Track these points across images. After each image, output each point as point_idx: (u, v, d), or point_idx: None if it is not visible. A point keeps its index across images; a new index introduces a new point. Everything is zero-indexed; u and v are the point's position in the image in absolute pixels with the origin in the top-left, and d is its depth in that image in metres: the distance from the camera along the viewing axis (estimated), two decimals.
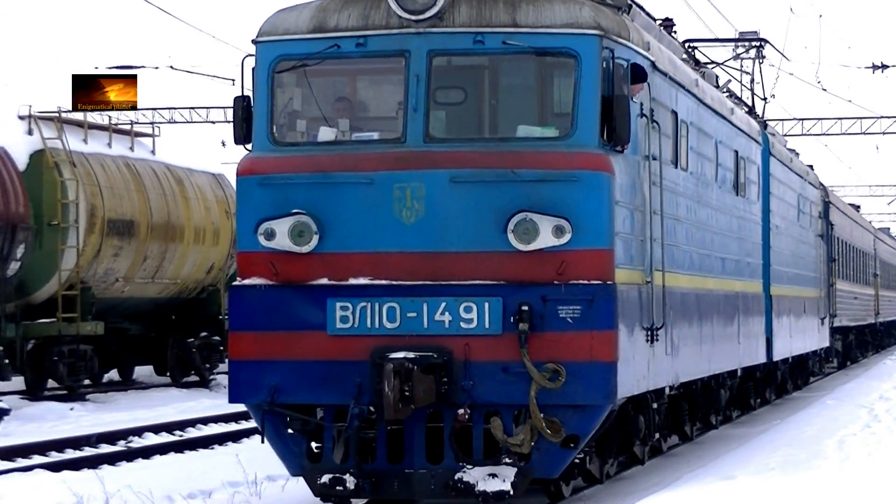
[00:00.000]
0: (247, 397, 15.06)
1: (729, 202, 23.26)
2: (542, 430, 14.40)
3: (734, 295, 23.58)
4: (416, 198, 14.57)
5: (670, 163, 18.06)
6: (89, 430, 26.63)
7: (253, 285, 14.98)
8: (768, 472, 16.01)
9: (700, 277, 20.26)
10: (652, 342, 16.39)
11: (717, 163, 22.02)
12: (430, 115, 14.86)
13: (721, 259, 22.34)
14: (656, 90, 16.98)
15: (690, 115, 19.56)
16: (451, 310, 14.49)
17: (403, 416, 14.35)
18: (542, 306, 14.41)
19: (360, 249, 14.76)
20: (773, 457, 17.94)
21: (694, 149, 19.86)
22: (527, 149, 14.82)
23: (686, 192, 19.21)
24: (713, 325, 21.29)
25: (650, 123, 16.57)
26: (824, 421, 23.80)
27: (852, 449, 18.28)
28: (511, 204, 14.45)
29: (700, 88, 20.58)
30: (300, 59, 15.23)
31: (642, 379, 16.07)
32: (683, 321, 18.73)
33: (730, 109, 23.90)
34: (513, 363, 14.36)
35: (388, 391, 14.04)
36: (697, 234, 20.08)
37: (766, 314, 27.95)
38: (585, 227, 14.49)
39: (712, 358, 21.26)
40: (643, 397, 16.76)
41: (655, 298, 16.58)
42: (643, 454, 18.64)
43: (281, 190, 14.92)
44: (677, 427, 22.29)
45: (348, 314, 14.63)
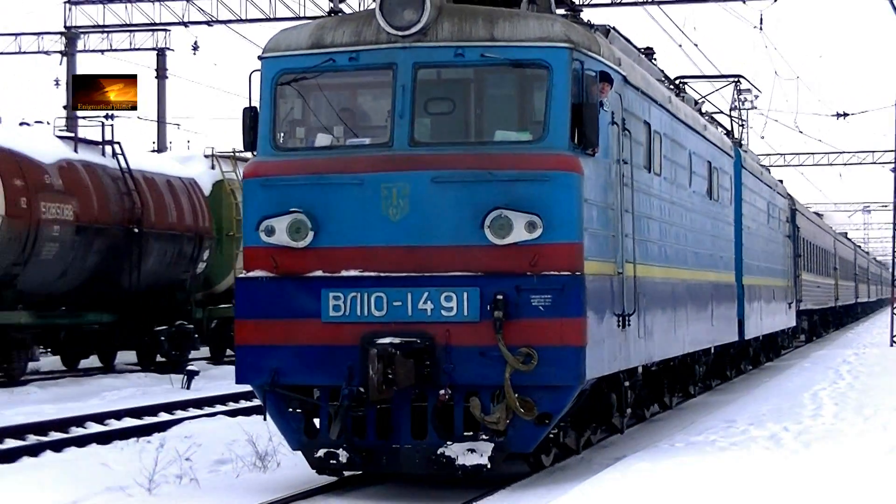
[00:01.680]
0: (251, 379, 13.16)
1: (702, 205, 21.15)
2: (516, 408, 12.40)
3: (708, 284, 21.42)
4: (401, 196, 12.65)
5: (643, 167, 15.98)
6: None
7: (255, 277, 13.10)
8: (766, 411, 18.25)
9: (674, 269, 18.16)
10: (624, 327, 14.35)
11: (692, 170, 19.95)
12: (416, 121, 12.91)
13: (695, 253, 20.21)
14: (628, 102, 14.92)
15: (664, 126, 17.47)
16: (433, 299, 12.58)
17: (387, 397, 12.44)
18: (517, 295, 12.47)
19: (351, 244, 12.83)
20: (765, 405, 19.62)
21: (667, 157, 17.77)
22: (503, 151, 12.86)
23: (659, 195, 17.12)
24: (687, 311, 19.16)
25: (622, 131, 14.52)
26: (802, 379, 25.66)
27: (822, 399, 20.26)
28: (488, 202, 12.51)
29: (673, 105, 18.50)
30: (299, 72, 13.32)
31: (613, 360, 14.03)
32: (657, 308, 16.63)
33: (703, 126, 21.80)
34: (489, 347, 12.41)
35: (372, 374, 12.14)
36: (671, 231, 17.97)
37: (738, 300, 25.84)
38: (556, 223, 12.54)
39: (686, 339, 19.12)
40: (615, 376, 14.67)
41: (627, 288, 14.53)
42: (622, 424, 16.55)
43: (280, 190, 13.02)
44: (659, 398, 20.23)
45: (340, 303, 12.75)
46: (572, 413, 13.80)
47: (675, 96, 19.33)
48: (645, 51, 20.75)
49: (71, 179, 27.69)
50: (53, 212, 26.57)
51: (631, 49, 17.60)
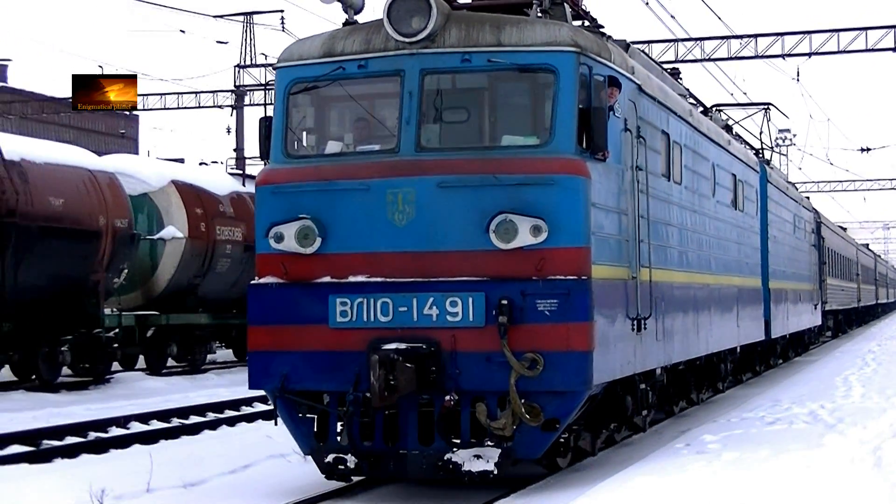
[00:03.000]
0: (262, 384, 11.00)
1: (727, 214, 18.73)
2: (522, 415, 10.19)
3: (733, 288, 18.99)
4: (407, 202, 10.48)
5: (661, 176, 13.67)
6: None
7: (266, 284, 10.98)
8: (803, 393, 18.23)
9: (696, 274, 15.78)
10: (639, 330, 12.06)
11: (715, 181, 17.55)
12: (422, 127, 10.75)
13: (720, 259, 17.78)
14: (643, 110, 12.63)
15: (684, 138, 15.12)
16: (439, 304, 10.36)
17: (389, 403, 10.25)
18: (522, 300, 10.23)
19: (357, 250, 10.67)
20: (804, 388, 19.69)
21: (688, 167, 15.40)
22: (509, 156, 10.63)
23: (680, 203, 14.76)
24: (710, 313, 16.75)
25: (637, 138, 12.27)
26: (833, 367, 25.68)
27: (852, 382, 20.04)
28: (493, 206, 10.30)
29: (694, 118, 16.11)
30: (311, 81, 11.20)
31: (627, 364, 11.71)
32: (677, 310, 14.31)
33: (727, 140, 19.35)
34: (495, 353, 10.19)
35: (373, 380, 9.97)
36: (693, 237, 15.58)
37: (764, 302, 23.34)
38: (562, 227, 10.29)
39: (710, 339, 16.70)
40: (630, 379, 12.39)
41: (642, 292, 12.21)
42: (644, 423, 14.25)
43: (290, 197, 10.90)
44: (686, 394, 17.84)
45: (347, 309, 10.57)
46: (586, 415, 11.58)
47: (697, 111, 16.95)
48: (671, 71, 18.49)
49: (240, 208, 29.52)
50: (226, 234, 28.64)
51: (652, 65, 15.33)
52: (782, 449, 11.25)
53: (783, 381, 23.52)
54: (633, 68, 12.35)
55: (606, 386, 11.50)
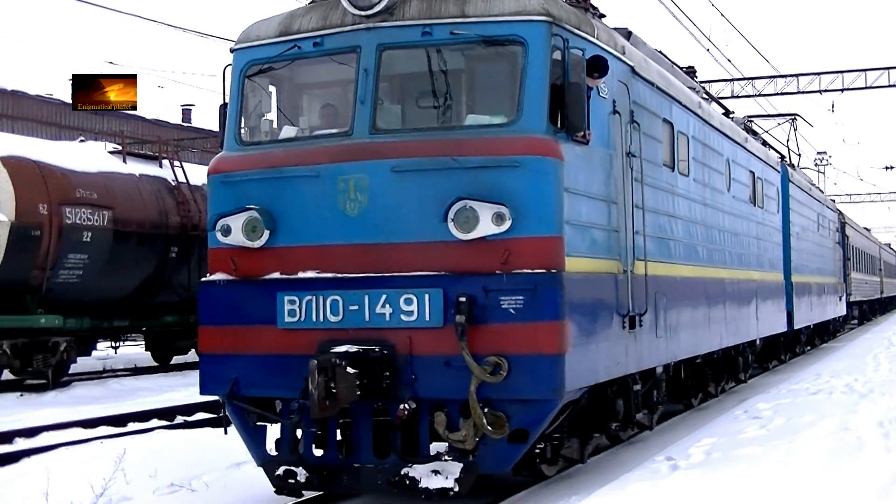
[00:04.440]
0: (212, 389, 8.29)
1: (745, 210, 15.65)
2: (483, 426, 7.42)
3: (752, 282, 15.88)
4: (359, 189, 7.77)
5: (664, 165, 10.73)
6: None
7: (214, 281, 8.32)
8: (840, 368, 17.83)
9: (708, 268, 12.80)
10: (632, 328, 9.20)
11: (731, 177, 14.55)
12: (378, 107, 8.05)
13: (735, 254, 14.73)
14: (638, 94, 9.73)
15: (692, 129, 12.18)
16: (392, 302, 7.62)
17: (331, 414, 7.55)
18: (485, 297, 7.45)
19: (307, 243, 7.98)
20: (840, 364, 19.45)
21: (698, 159, 12.43)
22: (471, 136, 7.83)
23: (687, 195, 11.81)
24: (725, 307, 13.75)
25: (631, 123, 9.44)
26: (864, 346, 25.43)
27: (880, 359, 19.76)
28: (452, 192, 7.53)
29: (704, 111, 13.11)
30: (266, 62, 8.54)
31: (616, 365, 8.80)
32: (684, 306, 11.38)
33: (744, 138, 16.23)
34: (455, 357, 7.42)
35: (312, 388, 7.26)
36: (703, 231, 12.59)
37: (787, 295, 20.09)
38: (529, 215, 7.50)
39: (724, 333, 13.68)
40: (623, 380, 9.54)
41: (637, 287, 9.34)
42: (650, 421, 11.35)
43: (238, 187, 8.26)
44: (704, 387, 14.85)
45: (296, 308, 7.89)
46: (571, 421, 8.80)
47: (708, 105, 13.97)
48: (686, 69, 15.54)
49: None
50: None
51: (658, 55, 12.38)
52: (824, 414, 11.01)
53: (823, 359, 22.60)
54: (625, 48, 9.49)
55: (595, 388, 8.72)
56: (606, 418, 9.29)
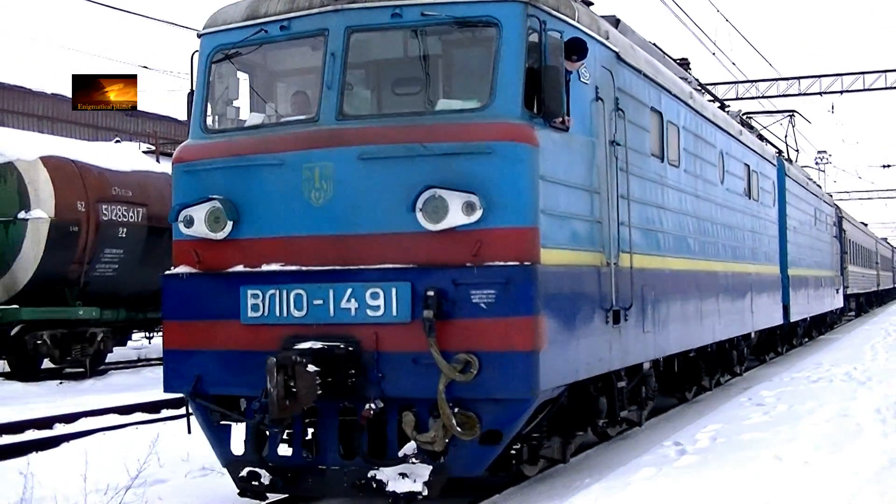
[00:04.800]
0: (175, 387, 7.57)
1: (739, 203, 14.86)
2: (451, 427, 6.68)
3: (746, 275, 15.10)
4: (324, 178, 7.02)
5: (652, 155, 9.99)
6: None
7: (177, 274, 7.60)
8: (840, 358, 17.55)
9: (701, 261, 12.07)
10: (616, 323, 8.46)
11: (724, 169, 13.78)
12: (346, 92, 7.30)
13: (730, 246, 13.97)
14: (623, 81, 8.97)
15: (683, 120, 11.41)
16: (358, 296, 6.87)
17: (291, 415, 6.83)
18: (454, 291, 6.69)
19: (271, 234, 7.24)
20: (840, 353, 19.25)
21: (689, 150, 11.66)
22: (441, 122, 7.05)
23: (678, 186, 11.04)
24: (718, 301, 12.98)
25: (616, 111, 8.69)
26: (862, 337, 25.13)
27: (878, 349, 19.63)
28: (421, 181, 6.77)
29: (696, 102, 12.31)
30: (232, 47, 7.78)
31: (598, 361, 8.04)
32: (674, 299, 10.62)
33: (738, 131, 15.44)
34: (423, 354, 6.68)
35: (270, 388, 6.56)
36: (695, 223, 11.81)
37: (783, 289, 19.25)
38: (502, 204, 6.74)
39: (717, 327, 12.91)
40: (607, 377, 8.80)
41: (622, 280, 8.60)
42: (640, 417, 10.61)
43: (201, 176, 7.54)
44: (698, 381, 14.07)
45: (259, 302, 7.16)
46: (552, 419, 8.07)
47: (700, 96, 13.17)
48: (680, 61, 14.76)
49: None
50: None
51: (649, 44, 11.59)
52: (824, 401, 11.03)
53: (822, 349, 22.19)
54: (609, 33, 8.74)
55: (577, 385, 7.99)
56: (589, 416, 8.55)
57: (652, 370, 10.30)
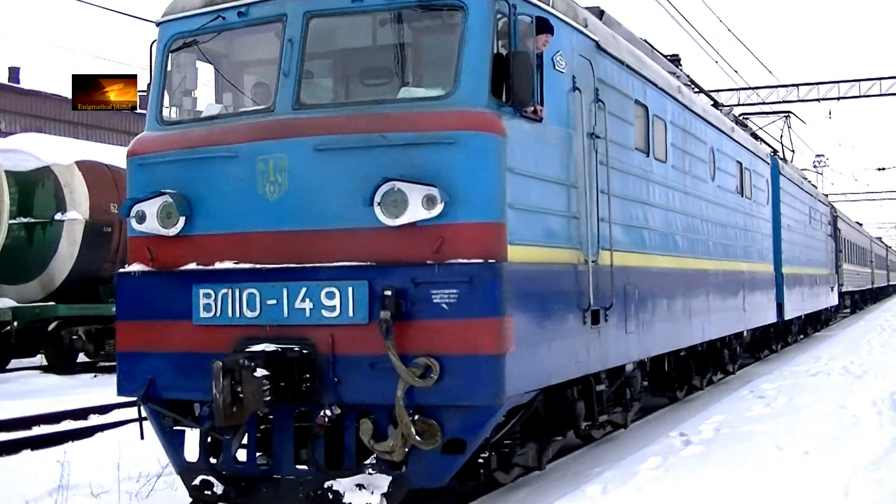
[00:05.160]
0: (128, 391, 6.84)
1: (731, 200, 14.08)
2: (410, 435, 5.97)
3: (739, 273, 14.34)
4: (278, 170, 6.30)
5: (637, 150, 9.23)
6: None
7: (130, 272, 6.88)
8: (837, 352, 17.38)
9: (690, 259, 11.31)
10: (595, 323, 7.71)
11: (715, 166, 13.02)
12: (305, 80, 6.58)
13: (721, 244, 13.19)
14: (604, 72, 8.23)
15: (670, 115, 10.64)
16: (313, 296, 6.15)
17: (238, 422, 6.13)
18: (414, 290, 5.97)
19: (225, 230, 6.51)
20: (838, 348, 19.10)
21: (677, 145, 10.90)
22: (402, 110, 6.31)
23: (665, 182, 10.28)
24: (709, 299, 12.25)
25: (596, 102, 7.94)
26: (859, 332, 24.95)
27: (873, 344, 19.50)
28: (379, 173, 6.04)
29: (686, 97, 11.54)
30: (189, 35, 7.07)
31: (574, 364, 7.29)
32: (660, 298, 9.85)
33: (730, 128, 14.66)
34: (381, 357, 5.94)
35: (216, 393, 5.85)
36: (683, 220, 11.03)
37: (777, 287, 18.41)
38: (465, 198, 6.00)
39: (708, 326, 12.16)
40: (586, 380, 8.06)
41: (602, 279, 7.86)
42: (625, 419, 9.88)
43: (154, 170, 6.84)
44: (688, 380, 13.28)
45: (211, 302, 6.43)
46: (528, 424, 7.34)
47: (688, 90, 12.39)
48: (671, 56, 14.01)
49: None
50: None
51: (636, 37, 10.83)
52: (823, 394, 11.04)
53: (819, 345, 21.88)
54: (587, 21, 8.00)
55: (553, 389, 7.26)
56: (568, 421, 7.80)
57: (637, 371, 9.56)
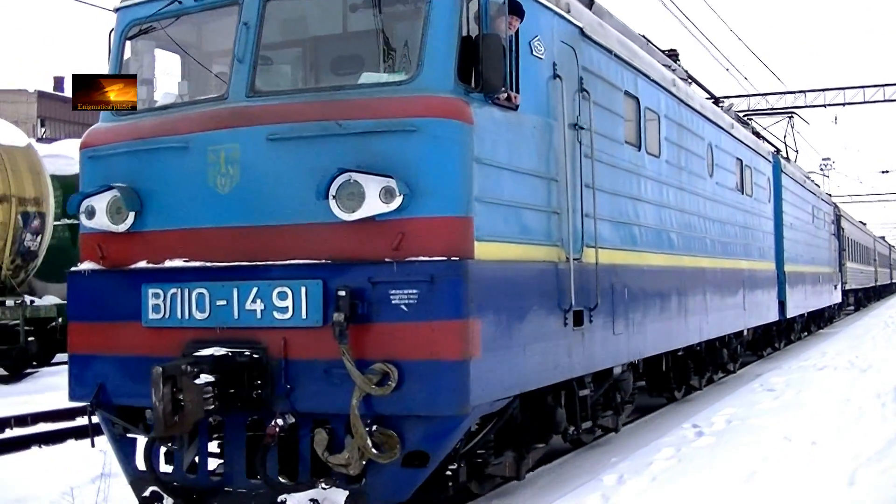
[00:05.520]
0: (78, 396, 6.15)
1: (731, 197, 13.26)
2: (366, 448, 5.25)
3: (738, 272, 13.51)
4: (230, 162, 5.59)
5: (627, 143, 8.45)
6: None
7: (81, 271, 6.19)
8: (843, 348, 17.56)
9: (686, 257, 10.51)
10: (578, 325, 6.93)
11: (714, 162, 12.26)
12: (263, 66, 5.90)
13: (720, 242, 12.38)
14: (589, 60, 7.46)
15: (664, 108, 9.85)
16: (264, 296, 5.44)
17: (180, 432, 5.46)
18: (372, 290, 5.25)
19: (175, 226, 5.82)
20: (843, 344, 19.02)
21: (672, 140, 10.11)
22: (362, 96, 5.58)
23: (659, 177, 9.50)
24: (706, 298, 11.44)
25: (581, 92, 7.18)
26: (864, 327, 25.40)
27: (877, 340, 19.49)
28: (335, 164, 5.32)
29: (681, 91, 10.72)
30: (147, 21, 6.38)
31: (554, 368, 6.50)
32: (653, 297, 9.08)
33: (729, 124, 13.83)
34: (337, 362, 5.22)
35: (156, 401, 5.17)
36: (679, 217, 10.25)
37: (779, 285, 17.51)
38: (427, 190, 5.27)
39: (705, 326, 11.34)
40: (569, 385, 7.30)
41: (586, 278, 7.10)
42: (616, 423, 9.13)
43: (105, 162, 6.16)
44: (687, 380, 12.49)
45: (160, 303, 5.75)
46: (501, 433, 6.61)
47: (684, 84, 11.57)
48: (669, 52, 13.21)
49: None
50: None
51: (629, 29, 10.03)
52: (829, 387, 11.10)
53: (826, 340, 21.69)
54: (570, 6, 7.24)
55: (531, 395, 6.53)
56: (548, 428, 7.04)
57: (629, 373, 8.81)
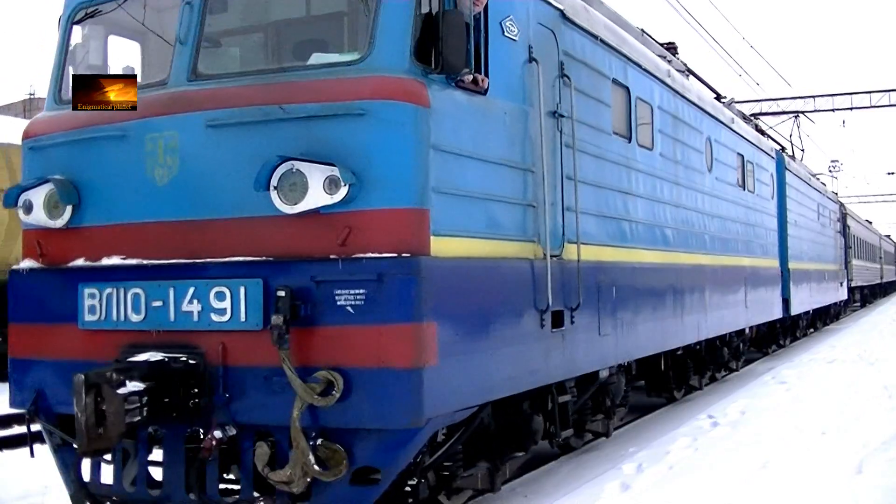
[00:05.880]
0: (18, 402, 5.47)
1: (731, 193, 12.43)
2: (307, 464, 4.52)
3: (740, 269, 12.67)
4: (169, 151, 4.90)
5: (615, 134, 7.69)
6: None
7: (20, 269, 5.51)
8: (851, 342, 17.57)
9: (683, 253, 9.72)
10: (557, 326, 6.17)
11: (713, 157, 11.46)
12: (208, 49, 5.21)
13: (720, 238, 11.57)
14: (571, 45, 6.68)
15: (657, 99, 9.05)
16: (202, 297, 4.72)
17: (105, 446, 4.71)
18: (315, 290, 4.50)
19: (113, 221, 5.11)
20: (851, 338, 19.00)
21: (666, 132, 9.31)
22: (308, 78, 4.84)
23: (652, 171, 8.72)
24: (705, 296, 10.64)
25: (562, 77, 6.46)
26: (870, 323, 25.31)
27: (885, 333, 19.40)
28: (278, 152, 4.58)
29: (676, 82, 9.91)
30: (93, 5, 5.70)
31: (528, 374, 5.76)
32: (645, 296, 8.31)
33: (730, 118, 13.03)
34: (278, 370, 4.48)
35: (78, 413, 4.46)
36: (674, 212, 9.47)
37: (783, 282, 16.60)
38: (376, 179, 4.52)
39: (703, 325, 10.52)
40: (548, 390, 6.55)
41: (567, 275, 6.34)
42: (607, 428, 8.37)
43: (44, 153, 5.48)
44: (686, 380, 11.65)
45: (96, 303, 5.05)
46: (472, 442, 5.89)
47: (680, 76, 10.77)
48: (667, 45, 12.41)
49: None
50: None
51: (623, 20, 9.22)
52: (838, 379, 11.01)
53: (833, 336, 21.16)
54: None
55: (505, 402, 5.80)
56: (524, 437, 6.29)
57: (620, 375, 8.05)
